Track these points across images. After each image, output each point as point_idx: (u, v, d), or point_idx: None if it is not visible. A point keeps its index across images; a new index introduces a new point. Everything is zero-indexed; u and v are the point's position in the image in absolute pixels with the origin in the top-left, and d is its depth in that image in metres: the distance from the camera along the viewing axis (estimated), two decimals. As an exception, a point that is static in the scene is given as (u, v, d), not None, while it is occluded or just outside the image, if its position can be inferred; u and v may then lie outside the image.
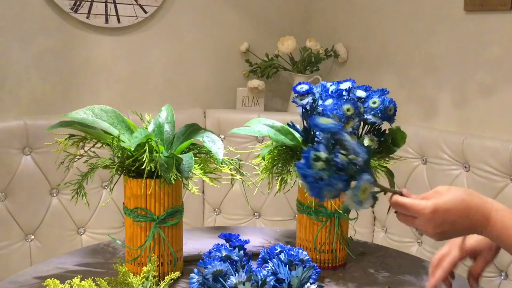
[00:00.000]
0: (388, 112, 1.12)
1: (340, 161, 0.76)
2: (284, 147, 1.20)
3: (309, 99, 1.16)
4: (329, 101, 1.12)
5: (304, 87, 1.16)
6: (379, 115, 1.09)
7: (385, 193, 0.86)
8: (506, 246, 0.85)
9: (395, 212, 0.88)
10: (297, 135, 1.22)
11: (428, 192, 0.87)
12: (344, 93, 1.13)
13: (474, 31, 1.73)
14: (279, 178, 1.19)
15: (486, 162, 1.58)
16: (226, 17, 2.21)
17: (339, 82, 1.15)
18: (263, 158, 1.20)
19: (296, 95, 1.17)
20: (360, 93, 1.12)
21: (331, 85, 1.17)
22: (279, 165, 1.20)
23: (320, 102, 1.16)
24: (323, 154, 0.75)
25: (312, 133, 1.19)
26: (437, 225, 0.83)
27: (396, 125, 1.16)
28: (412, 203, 0.84)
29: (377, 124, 1.12)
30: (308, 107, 1.17)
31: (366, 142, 1.12)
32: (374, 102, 1.10)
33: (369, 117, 1.11)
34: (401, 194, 0.86)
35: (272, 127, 1.21)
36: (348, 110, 1.10)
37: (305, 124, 1.20)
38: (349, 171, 0.76)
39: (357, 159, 0.76)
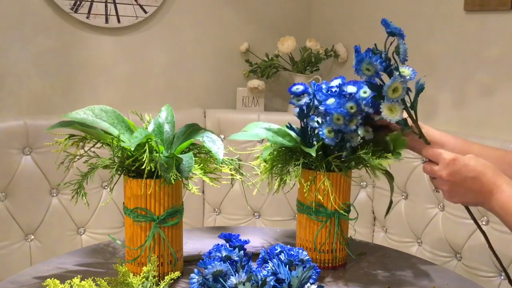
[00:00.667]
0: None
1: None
2: (284, 148, 1.21)
3: (306, 100, 1.16)
4: (331, 100, 1.12)
5: (300, 88, 1.16)
6: (370, 104, 1.09)
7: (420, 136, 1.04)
8: (509, 219, 0.89)
9: (423, 163, 1.01)
10: (294, 136, 1.22)
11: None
12: (347, 93, 1.14)
13: (474, 31, 1.73)
14: (278, 178, 1.19)
15: (486, 162, 1.58)
16: (226, 17, 2.21)
17: (331, 81, 1.16)
18: (265, 161, 1.20)
19: (292, 96, 1.17)
20: (351, 89, 1.12)
21: (322, 83, 1.17)
22: (279, 165, 1.20)
23: (316, 102, 1.16)
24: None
25: (309, 133, 1.20)
26: (452, 173, 0.92)
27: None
28: (437, 150, 0.98)
29: (372, 113, 1.11)
30: (305, 108, 1.17)
31: (361, 133, 1.12)
32: (365, 92, 1.10)
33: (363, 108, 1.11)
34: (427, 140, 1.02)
35: (269, 129, 1.22)
36: (351, 108, 1.10)
37: (303, 125, 1.20)
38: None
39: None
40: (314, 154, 1.12)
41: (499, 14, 1.65)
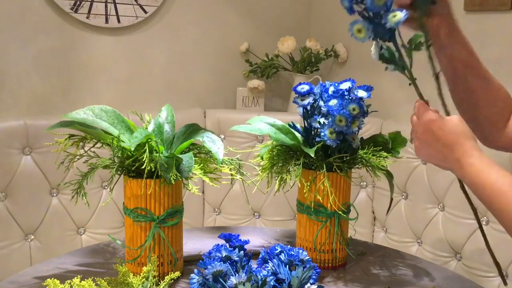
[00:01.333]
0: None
1: None
2: (284, 147, 1.21)
3: (310, 100, 1.16)
4: (334, 102, 1.12)
5: (305, 88, 1.16)
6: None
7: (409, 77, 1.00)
8: (474, 184, 0.89)
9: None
10: (297, 135, 1.22)
11: None
12: (345, 92, 1.14)
13: (474, 31, 1.73)
14: (278, 178, 1.19)
15: (486, 162, 1.58)
16: (226, 17, 2.21)
17: (339, 83, 1.15)
18: (262, 157, 1.20)
19: (297, 95, 1.17)
20: (362, 93, 1.13)
21: (330, 85, 1.17)
22: (279, 164, 1.20)
23: (322, 103, 1.16)
24: None
25: (312, 133, 1.19)
26: (427, 129, 0.92)
27: (396, 125, 1.16)
28: (422, 103, 0.99)
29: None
30: (309, 108, 1.17)
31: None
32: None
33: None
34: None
35: (273, 125, 1.22)
36: (354, 109, 1.10)
37: (306, 124, 1.20)
38: None
39: None
40: (313, 155, 1.12)
41: (499, 14, 1.65)
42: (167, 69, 2.11)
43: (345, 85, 1.14)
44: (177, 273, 1.03)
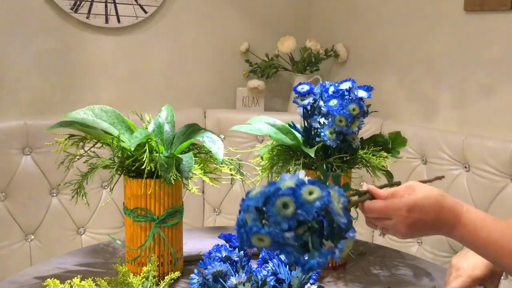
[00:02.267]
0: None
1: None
2: (284, 147, 1.21)
3: (310, 100, 1.16)
4: (334, 102, 1.12)
5: (305, 88, 1.16)
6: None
7: (356, 207, 0.84)
8: (476, 247, 0.83)
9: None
10: (297, 135, 1.22)
11: (400, 187, 0.84)
12: (345, 92, 1.13)
13: (474, 31, 1.73)
14: (278, 178, 1.19)
15: (486, 162, 1.58)
16: (226, 17, 2.21)
17: (339, 83, 1.15)
18: (262, 158, 1.20)
19: (297, 95, 1.17)
20: (362, 93, 1.13)
21: (330, 85, 1.17)
22: (279, 164, 1.20)
23: (322, 103, 1.16)
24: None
25: (312, 133, 1.19)
26: (411, 223, 0.81)
27: (396, 125, 1.16)
28: (386, 205, 0.81)
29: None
30: (309, 108, 1.17)
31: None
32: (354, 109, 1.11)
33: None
34: (369, 195, 0.84)
35: (273, 125, 1.22)
36: (354, 109, 1.10)
37: (306, 124, 1.20)
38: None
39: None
40: (313, 155, 1.12)
41: (499, 14, 1.65)
42: (167, 69, 2.11)
43: (345, 85, 1.14)
44: (177, 273, 1.03)
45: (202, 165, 1.11)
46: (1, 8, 1.74)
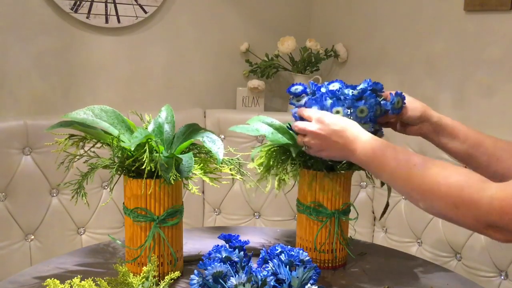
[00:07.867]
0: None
1: None
2: (278, 147, 1.20)
3: (306, 99, 1.15)
4: (329, 102, 1.12)
5: (299, 88, 1.16)
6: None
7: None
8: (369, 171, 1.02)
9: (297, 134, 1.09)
10: (295, 135, 1.22)
11: None
12: (347, 95, 1.12)
13: (474, 31, 1.73)
14: (277, 178, 1.19)
15: (486, 162, 1.57)
16: (226, 17, 2.21)
17: (329, 83, 1.14)
18: (252, 159, 1.20)
19: (292, 97, 1.17)
20: (335, 86, 1.11)
21: (321, 85, 1.15)
22: (277, 165, 1.20)
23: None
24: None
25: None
26: (321, 127, 1.02)
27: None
28: (305, 111, 1.07)
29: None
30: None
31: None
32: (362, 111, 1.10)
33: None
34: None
35: (271, 125, 1.21)
36: (361, 111, 1.08)
37: None
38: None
39: None
40: (294, 155, 1.11)
41: (499, 14, 1.65)
42: (167, 69, 2.11)
43: (334, 86, 1.12)
44: (177, 273, 1.03)
45: (202, 165, 1.11)
46: (1, 8, 1.74)
